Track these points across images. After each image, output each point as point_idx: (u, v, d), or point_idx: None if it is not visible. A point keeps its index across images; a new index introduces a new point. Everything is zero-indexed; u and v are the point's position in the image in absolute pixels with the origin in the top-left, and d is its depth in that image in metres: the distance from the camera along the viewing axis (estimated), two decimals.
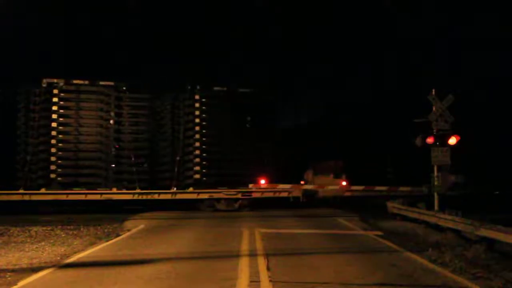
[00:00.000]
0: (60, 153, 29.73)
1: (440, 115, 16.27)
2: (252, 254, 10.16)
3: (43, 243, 12.07)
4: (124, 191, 26.81)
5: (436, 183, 16.16)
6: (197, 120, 31.20)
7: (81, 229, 15.27)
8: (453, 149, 16.01)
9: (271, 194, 26.29)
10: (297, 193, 26.27)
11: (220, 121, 31.29)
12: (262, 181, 31.65)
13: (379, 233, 14.38)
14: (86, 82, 31.53)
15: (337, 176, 27.75)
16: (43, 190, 25.84)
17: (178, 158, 29.15)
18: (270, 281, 7.59)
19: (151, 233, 14.79)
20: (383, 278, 7.93)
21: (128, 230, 15.24)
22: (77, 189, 26.81)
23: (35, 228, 15.25)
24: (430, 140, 16.04)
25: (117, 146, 29.50)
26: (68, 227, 15.83)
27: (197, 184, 27.79)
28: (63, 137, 30.43)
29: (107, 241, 12.72)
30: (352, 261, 9.47)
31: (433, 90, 16.67)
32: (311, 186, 27.78)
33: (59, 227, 15.81)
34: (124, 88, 31.31)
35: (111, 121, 30.98)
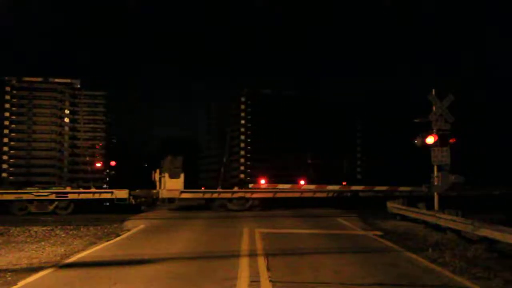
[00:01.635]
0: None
1: (440, 115, 16.26)
2: (252, 254, 10.16)
3: (43, 243, 12.07)
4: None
5: (436, 183, 16.16)
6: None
7: (81, 229, 15.26)
8: (453, 149, 16.01)
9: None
10: (122, 194, 24.21)
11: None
12: (262, 181, 31.69)
13: (379, 233, 14.39)
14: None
15: (174, 175, 24.46)
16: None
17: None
18: (270, 281, 7.58)
19: (151, 233, 14.79)
20: (383, 278, 7.92)
21: (128, 230, 15.24)
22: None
23: (35, 228, 15.25)
24: (430, 140, 16.03)
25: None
26: (68, 227, 15.83)
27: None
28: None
29: (107, 241, 12.72)
30: (352, 261, 9.47)
31: (433, 90, 16.67)
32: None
33: (59, 227, 15.81)
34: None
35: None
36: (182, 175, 24.28)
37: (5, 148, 28.91)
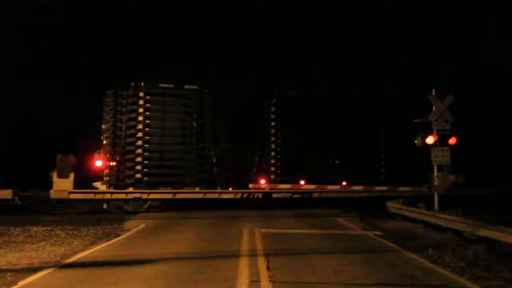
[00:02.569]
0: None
1: (440, 115, 16.26)
2: (252, 254, 10.16)
3: (43, 243, 12.06)
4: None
5: (436, 183, 16.15)
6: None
7: (81, 229, 15.25)
8: (453, 149, 16.00)
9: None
10: (5, 195, 23.69)
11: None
12: (262, 181, 31.79)
13: (379, 233, 14.38)
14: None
15: (62, 174, 23.21)
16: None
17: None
18: (270, 281, 7.58)
19: (151, 233, 14.79)
20: (383, 278, 7.92)
21: (128, 230, 15.23)
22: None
23: (35, 228, 15.24)
24: (430, 140, 16.02)
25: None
26: (68, 227, 15.81)
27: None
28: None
29: (107, 241, 12.72)
30: (352, 261, 9.46)
31: (433, 90, 16.66)
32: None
33: (59, 227, 15.80)
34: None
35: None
36: (72, 175, 23.25)
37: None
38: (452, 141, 15.90)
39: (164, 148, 33.59)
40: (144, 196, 24.46)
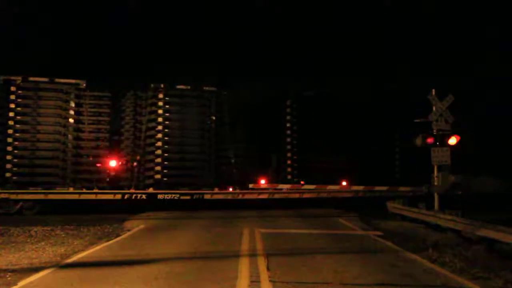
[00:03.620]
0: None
1: (440, 115, 16.26)
2: (252, 254, 10.15)
3: (43, 243, 12.07)
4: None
5: (436, 183, 16.16)
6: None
7: (81, 229, 15.26)
8: (453, 149, 16.00)
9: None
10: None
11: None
12: (262, 181, 31.77)
13: (379, 233, 14.38)
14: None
15: None
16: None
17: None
18: (270, 281, 7.58)
19: (151, 233, 14.79)
20: (383, 278, 7.92)
21: (128, 230, 15.24)
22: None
23: (35, 228, 15.25)
24: (430, 140, 16.03)
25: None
26: (68, 227, 15.82)
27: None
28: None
29: (107, 241, 12.72)
30: (352, 261, 9.46)
31: (433, 90, 16.67)
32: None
33: (59, 227, 15.80)
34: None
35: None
36: None
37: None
38: (453, 141, 15.89)
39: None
40: (13, 196, 23.06)
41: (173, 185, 30.85)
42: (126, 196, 25.17)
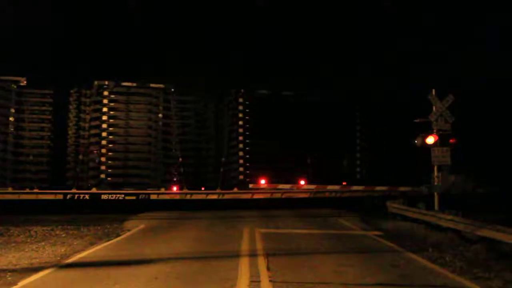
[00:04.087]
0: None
1: (440, 115, 16.27)
2: (252, 254, 10.15)
3: (43, 243, 12.07)
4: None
5: (436, 183, 16.16)
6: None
7: (81, 229, 15.26)
8: (452, 149, 16.01)
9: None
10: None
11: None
12: (262, 181, 31.78)
13: (379, 233, 14.38)
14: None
15: None
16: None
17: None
18: (270, 281, 7.58)
19: (151, 233, 14.79)
20: (383, 278, 7.92)
21: (128, 230, 15.24)
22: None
23: (35, 228, 15.25)
24: (430, 140, 16.03)
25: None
26: (68, 227, 15.83)
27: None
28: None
29: (107, 241, 12.72)
30: (352, 261, 9.46)
31: (433, 90, 16.67)
32: (312, 186, 27.81)
33: (59, 227, 15.81)
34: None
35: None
36: None
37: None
38: (453, 141, 15.90)
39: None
40: None
41: (118, 185, 30.30)
42: (68, 197, 24.90)
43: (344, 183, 34.78)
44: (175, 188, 30.62)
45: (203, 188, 31.05)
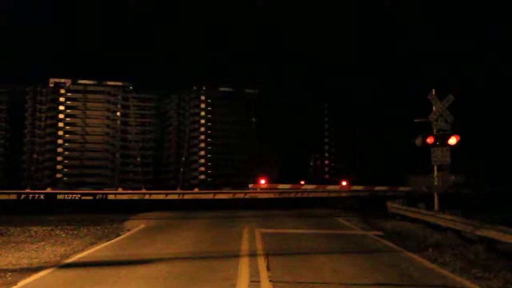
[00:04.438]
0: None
1: (440, 115, 16.27)
2: (252, 254, 10.15)
3: (43, 243, 12.06)
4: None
5: (436, 183, 16.16)
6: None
7: (81, 229, 15.26)
8: (452, 149, 16.01)
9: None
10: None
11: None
12: (262, 181, 31.73)
13: (379, 233, 14.38)
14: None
15: None
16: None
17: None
18: (270, 281, 7.58)
19: (151, 233, 14.79)
20: (383, 278, 7.92)
21: (128, 230, 15.23)
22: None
23: (35, 228, 15.24)
24: (430, 140, 16.03)
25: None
26: (68, 227, 15.82)
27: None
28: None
29: (107, 241, 12.72)
30: (352, 261, 9.46)
31: (433, 90, 16.68)
32: (312, 186, 27.83)
33: (59, 227, 15.80)
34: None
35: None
36: None
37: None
38: (453, 141, 15.89)
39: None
40: None
41: (74, 185, 29.91)
42: (22, 197, 24.42)
43: (344, 183, 34.75)
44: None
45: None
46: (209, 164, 38.63)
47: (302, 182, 35.42)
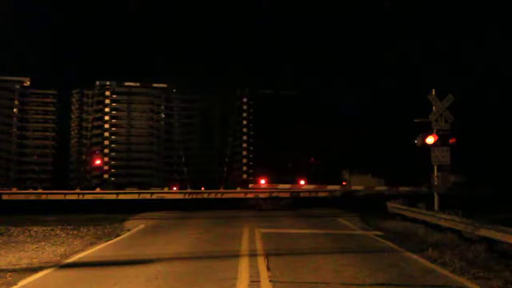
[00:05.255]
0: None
1: (440, 115, 16.27)
2: (252, 254, 10.15)
3: (43, 243, 12.07)
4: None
5: (436, 183, 16.16)
6: (245, 122, 31.50)
7: (81, 229, 15.25)
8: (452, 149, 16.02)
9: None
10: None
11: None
12: (262, 181, 31.76)
13: (379, 233, 14.38)
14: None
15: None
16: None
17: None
18: (270, 281, 7.58)
19: (151, 233, 14.79)
20: (383, 278, 7.92)
21: (128, 230, 15.24)
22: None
23: (35, 228, 15.24)
24: (430, 140, 16.03)
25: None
26: (68, 227, 15.82)
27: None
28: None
29: (107, 241, 12.72)
30: (352, 261, 9.46)
31: (433, 90, 16.68)
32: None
33: (59, 227, 15.80)
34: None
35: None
36: None
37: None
38: (453, 141, 15.91)
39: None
40: None
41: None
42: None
43: (344, 183, 34.80)
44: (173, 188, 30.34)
45: (202, 188, 30.80)
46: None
47: (302, 182, 35.52)
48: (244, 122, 43.17)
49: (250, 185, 30.92)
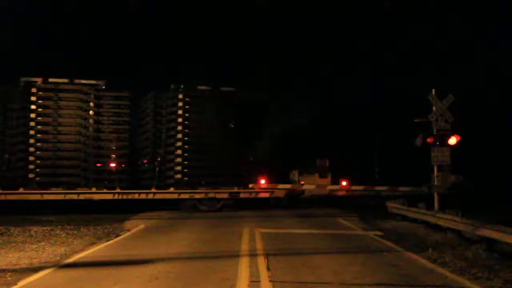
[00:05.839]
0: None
1: (440, 115, 16.28)
2: (252, 254, 10.16)
3: (43, 243, 12.07)
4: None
5: (436, 183, 16.16)
6: (180, 120, 30.41)
7: (81, 229, 15.26)
8: (453, 149, 16.02)
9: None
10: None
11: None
12: (262, 181, 31.66)
13: (379, 233, 14.39)
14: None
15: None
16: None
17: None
18: (270, 281, 7.59)
19: (151, 233, 14.79)
20: (383, 278, 7.93)
21: (128, 230, 15.24)
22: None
23: (35, 228, 15.24)
24: (430, 140, 16.04)
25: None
26: (68, 227, 15.81)
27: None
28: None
29: (107, 241, 12.72)
30: (352, 261, 9.47)
31: (433, 90, 16.69)
32: (312, 186, 27.67)
33: (59, 227, 15.79)
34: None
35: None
36: None
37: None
38: (453, 141, 15.90)
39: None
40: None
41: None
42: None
43: (344, 183, 34.69)
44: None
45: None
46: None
47: (302, 182, 35.41)
48: (179, 120, 41.92)
49: (250, 185, 30.76)
